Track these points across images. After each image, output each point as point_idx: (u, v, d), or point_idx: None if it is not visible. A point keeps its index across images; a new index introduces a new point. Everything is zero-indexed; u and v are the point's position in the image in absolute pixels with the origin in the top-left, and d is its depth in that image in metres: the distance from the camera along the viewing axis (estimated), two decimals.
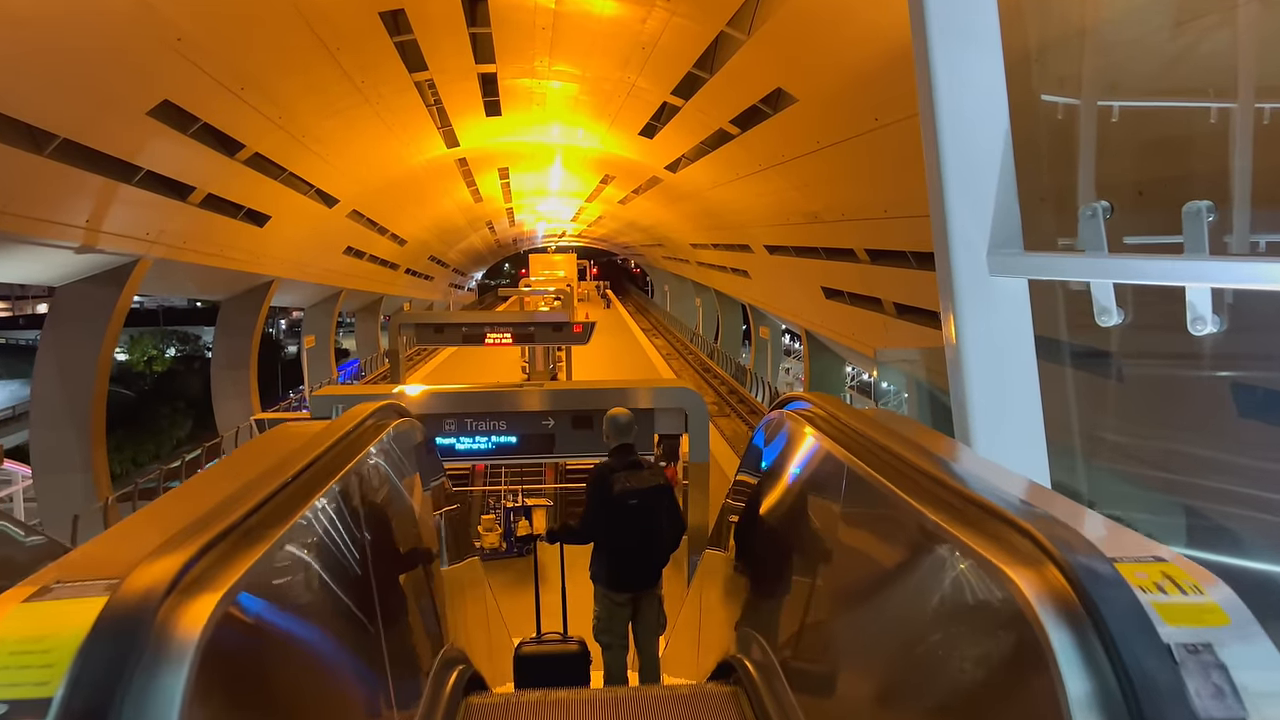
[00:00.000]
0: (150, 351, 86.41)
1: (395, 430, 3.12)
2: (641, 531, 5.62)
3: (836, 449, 2.42)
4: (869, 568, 2.26)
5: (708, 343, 54.36)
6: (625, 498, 5.52)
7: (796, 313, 32.53)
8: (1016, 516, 1.50)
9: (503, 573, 14.49)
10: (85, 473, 20.53)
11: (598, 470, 5.74)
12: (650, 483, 5.63)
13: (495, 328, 20.23)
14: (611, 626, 5.91)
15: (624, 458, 5.73)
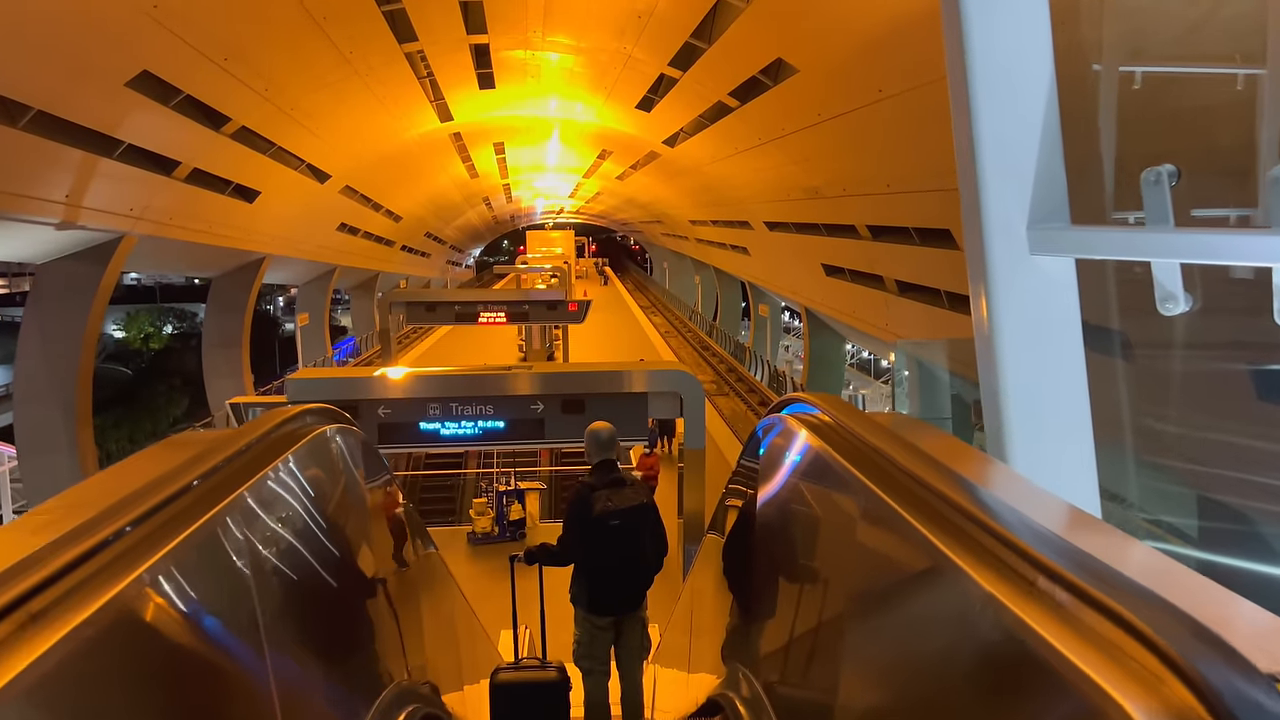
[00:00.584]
0: (147, 329, 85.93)
1: (315, 442, 2.64)
2: (624, 553, 5.35)
3: (853, 473, 1.98)
4: (894, 644, 1.82)
5: (706, 320, 53.90)
6: (607, 518, 5.22)
7: (796, 290, 32.06)
8: (1124, 607, 1.05)
9: (495, 557, 14.13)
10: (71, 453, 20.14)
11: (577, 490, 5.48)
12: (633, 501, 5.32)
13: (489, 306, 19.78)
14: (593, 651, 5.63)
15: (605, 475, 5.43)
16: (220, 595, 1.83)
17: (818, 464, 2.27)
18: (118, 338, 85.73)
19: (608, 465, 5.49)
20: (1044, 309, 2.66)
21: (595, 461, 5.53)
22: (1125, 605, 1.03)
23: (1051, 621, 1.17)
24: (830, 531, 2.20)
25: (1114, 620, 1.04)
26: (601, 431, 5.64)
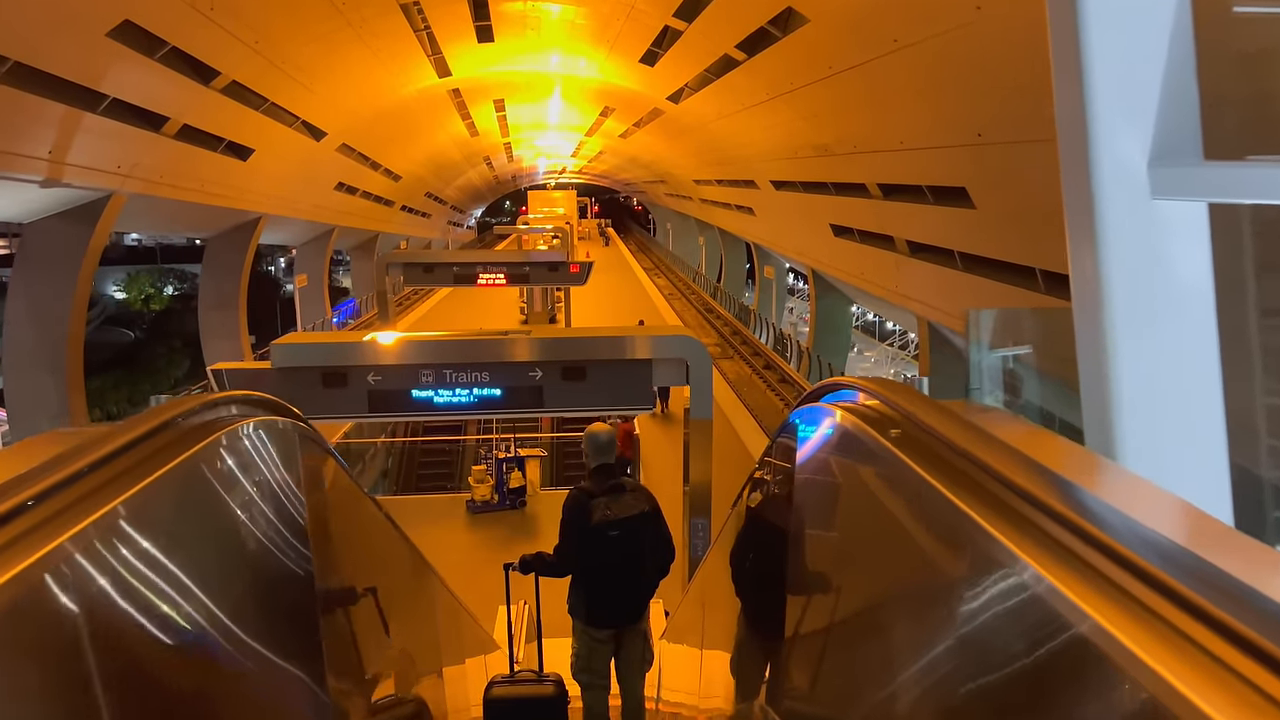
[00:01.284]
0: (147, 290, 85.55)
1: (231, 437, 2.10)
2: (624, 564, 5.08)
3: (941, 491, 1.48)
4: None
5: (710, 282, 53.24)
6: (605, 528, 4.96)
7: (803, 251, 31.42)
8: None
9: (495, 526, 13.77)
10: (62, 419, 19.71)
11: (574, 496, 5.15)
12: (633, 509, 5.06)
13: (488, 268, 19.24)
14: (591, 665, 5.36)
15: (604, 481, 5.15)
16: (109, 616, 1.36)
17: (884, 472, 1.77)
18: (118, 299, 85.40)
19: (607, 470, 5.19)
20: (1168, 267, 2.14)
21: (593, 466, 5.22)
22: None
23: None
24: (905, 561, 1.70)
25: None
26: (600, 434, 5.32)
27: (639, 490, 5.30)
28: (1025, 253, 14.74)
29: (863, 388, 2.02)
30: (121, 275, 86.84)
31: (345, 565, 3.11)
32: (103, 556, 1.41)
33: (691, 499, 9.04)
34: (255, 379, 8.59)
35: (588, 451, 5.35)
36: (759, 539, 3.33)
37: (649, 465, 16.09)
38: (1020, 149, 13.26)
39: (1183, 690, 0.89)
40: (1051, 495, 1.40)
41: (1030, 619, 1.32)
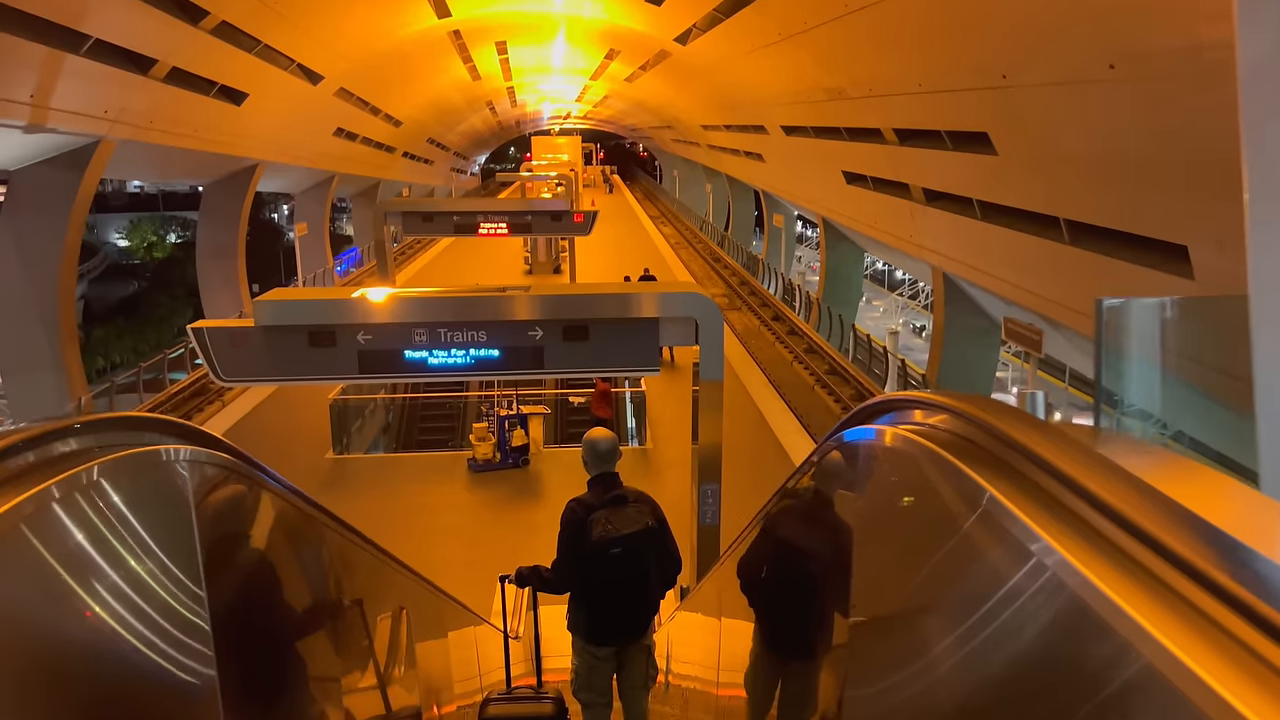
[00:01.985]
0: (150, 237, 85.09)
1: (68, 485, 1.44)
2: (626, 583, 4.70)
3: (1079, 569, 0.98)
4: None
5: (718, 231, 52.39)
6: (606, 546, 4.52)
7: (813, 199, 30.65)
8: None
9: (497, 486, 13.36)
10: (57, 370, 19.31)
11: (572, 510, 4.71)
12: (636, 524, 4.60)
13: (489, 217, 18.60)
14: (592, 683, 4.99)
15: (604, 492, 4.73)
16: None
17: (988, 529, 1.25)
18: (122, 247, 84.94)
19: (608, 479, 4.79)
20: None
21: (593, 475, 4.82)
22: None
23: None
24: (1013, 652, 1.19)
25: None
26: (600, 441, 4.89)
27: (642, 500, 4.84)
28: (1049, 201, 14.08)
29: (950, 407, 1.50)
30: (124, 223, 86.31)
31: (278, 619, 2.50)
32: None
33: (701, 463, 8.57)
34: (237, 338, 8.09)
35: (586, 459, 4.92)
36: (790, 561, 2.82)
37: (656, 421, 15.64)
38: (1047, 92, 12.55)
39: None
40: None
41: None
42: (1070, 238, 13.69)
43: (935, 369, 20.68)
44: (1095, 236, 13.05)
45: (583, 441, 4.96)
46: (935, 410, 1.60)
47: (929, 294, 56.09)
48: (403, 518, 12.26)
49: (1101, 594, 1.05)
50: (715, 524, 8.74)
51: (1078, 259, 13.55)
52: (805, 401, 20.33)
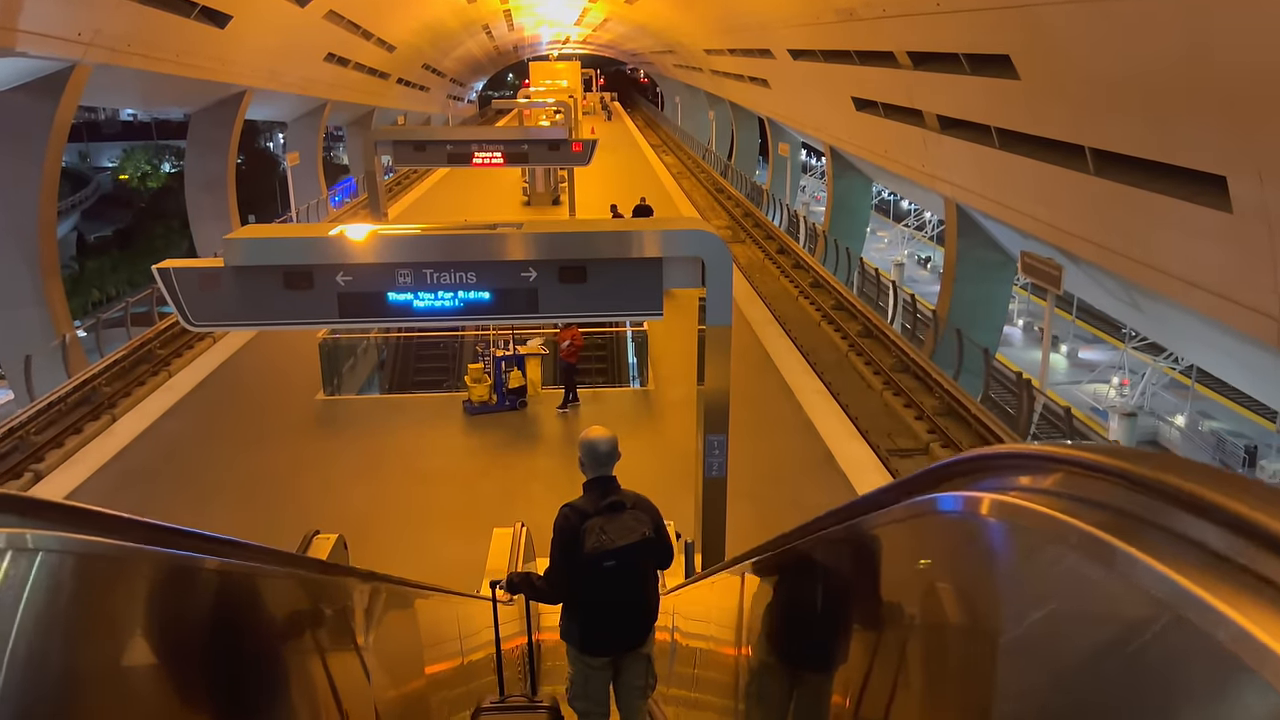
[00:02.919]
0: (144, 167, 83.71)
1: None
2: (622, 597, 4.41)
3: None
4: None
5: (720, 160, 51.20)
6: (600, 558, 4.17)
7: (821, 127, 29.66)
8: None
9: (493, 429, 12.87)
10: (39, 307, 18.74)
11: (565, 517, 4.30)
12: (633, 535, 4.23)
13: (484, 146, 17.81)
14: (588, 692, 4.65)
15: (600, 497, 4.31)
16: None
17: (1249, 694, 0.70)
18: (115, 176, 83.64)
19: (604, 484, 4.36)
20: None
21: (589, 478, 4.39)
22: None
23: None
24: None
25: None
26: (601, 442, 4.40)
27: (640, 505, 4.42)
28: (1073, 129, 13.31)
29: (1072, 459, 0.93)
30: (117, 152, 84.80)
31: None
32: None
33: (706, 413, 8.05)
34: (207, 280, 7.49)
35: (583, 461, 4.42)
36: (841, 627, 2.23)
37: (657, 361, 15.10)
38: (1078, 10, 11.71)
39: None
40: None
41: None
42: (1095, 168, 12.97)
43: (946, 305, 20.07)
44: (1123, 166, 12.33)
45: (580, 442, 4.44)
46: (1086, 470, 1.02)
47: (937, 225, 55.10)
48: (396, 462, 11.80)
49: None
50: (722, 476, 8.26)
51: (1103, 190, 12.84)
52: (811, 338, 19.77)
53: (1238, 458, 30.74)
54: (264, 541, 2.19)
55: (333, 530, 9.92)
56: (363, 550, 9.77)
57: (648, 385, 14.50)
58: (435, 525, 10.24)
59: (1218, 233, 10.62)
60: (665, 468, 11.51)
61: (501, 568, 7.68)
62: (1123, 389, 35.61)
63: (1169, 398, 35.39)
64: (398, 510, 10.56)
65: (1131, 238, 12.58)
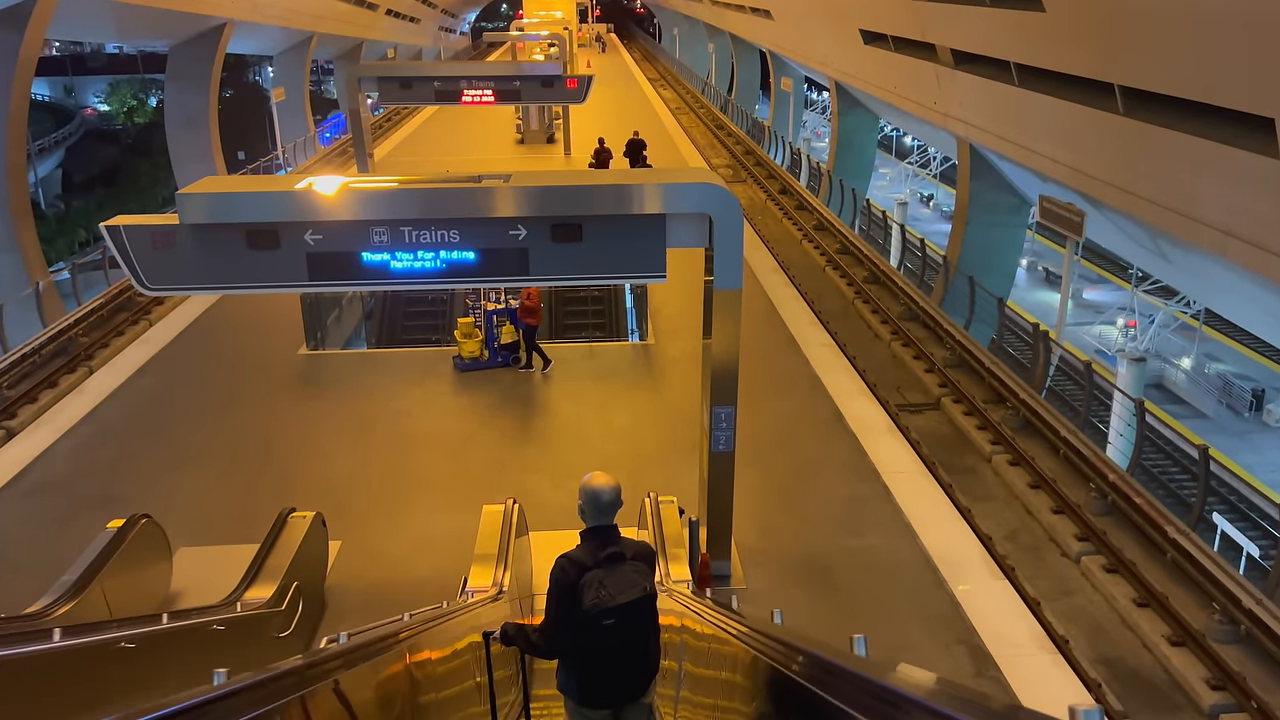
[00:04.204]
0: (130, 101, 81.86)
1: None
2: (622, 653, 4.18)
3: None
4: None
5: (720, 95, 49.76)
6: (599, 616, 3.97)
7: (826, 61, 28.51)
8: None
9: (485, 388, 12.22)
10: (11, 253, 17.95)
11: (563, 569, 4.07)
12: (634, 589, 4.04)
13: (473, 83, 16.85)
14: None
15: (599, 548, 4.09)
16: None
17: None
18: (102, 111, 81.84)
19: (604, 534, 4.14)
20: None
21: (589, 526, 4.15)
22: None
23: None
24: None
25: None
26: (604, 491, 4.13)
27: (640, 555, 4.18)
28: (1102, 65, 12.43)
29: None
30: (104, 86, 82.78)
31: None
32: None
33: (714, 384, 7.40)
34: (160, 238, 6.76)
35: (584, 509, 4.15)
36: None
37: (657, 312, 14.40)
38: None
39: None
40: None
41: None
42: (1125, 107, 12.13)
43: (956, 249, 19.31)
44: (1156, 106, 11.51)
45: (581, 488, 4.13)
46: None
47: (942, 162, 53.86)
48: (380, 425, 11.17)
49: None
50: (729, 450, 7.64)
51: (1133, 132, 12.03)
52: (815, 284, 19.05)
53: (1244, 401, 30.24)
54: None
55: (311, 502, 9.33)
56: (343, 525, 9.19)
57: (647, 339, 13.81)
58: (421, 495, 9.65)
59: (1261, 180, 9.86)
60: (667, 433, 10.89)
61: (491, 552, 7.12)
62: (1128, 330, 35.01)
63: (1175, 339, 34.83)
64: (381, 478, 9.96)
65: (1163, 183, 11.81)
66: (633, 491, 9.49)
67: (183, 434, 11.05)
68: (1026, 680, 7.00)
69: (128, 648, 4.54)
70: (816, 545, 8.75)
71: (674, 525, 7.36)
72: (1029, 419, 12.92)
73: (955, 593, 7.99)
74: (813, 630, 7.77)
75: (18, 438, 11.31)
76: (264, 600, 6.42)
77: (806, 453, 10.62)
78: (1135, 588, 9.57)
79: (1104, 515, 10.87)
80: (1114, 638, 9.21)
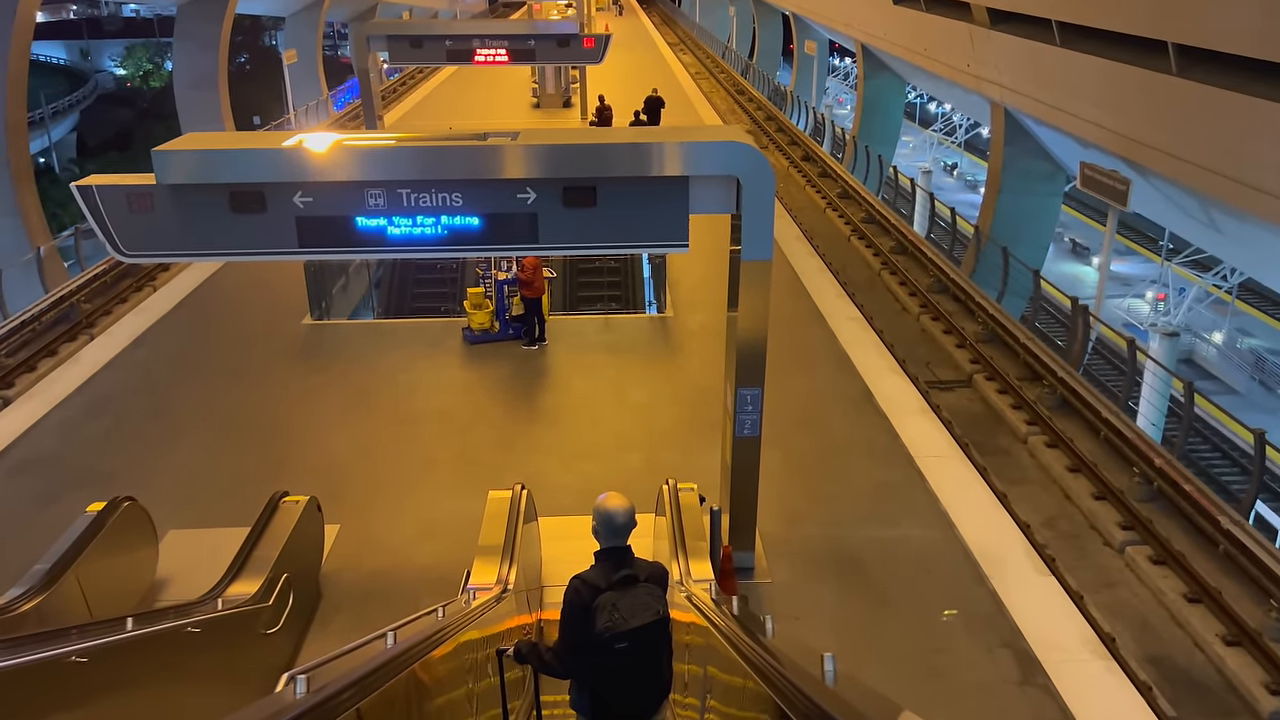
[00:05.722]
0: (145, 65, 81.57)
1: None
2: (635, 676, 4.16)
3: None
4: None
5: (741, 59, 48.65)
6: (612, 640, 3.95)
7: (851, 22, 27.56)
8: None
9: (495, 362, 11.66)
10: (12, 217, 17.48)
11: (576, 591, 4.06)
12: (647, 614, 4.03)
13: (486, 42, 16.16)
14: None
15: (613, 570, 4.06)
16: None
17: None
18: (118, 74, 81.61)
19: (618, 555, 4.10)
20: None
21: (603, 548, 4.12)
22: None
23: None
24: None
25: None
26: (618, 513, 4.08)
27: (654, 577, 4.14)
28: (1155, 21, 11.63)
29: None
30: (120, 50, 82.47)
31: None
32: None
33: (740, 363, 6.79)
34: (137, 200, 6.19)
35: (598, 530, 4.10)
36: None
37: (676, 283, 13.77)
38: None
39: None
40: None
41: None
42: (1179, 67, 11.35)
43: (988, 219, 18.54)
44: (1215, 66, 10.73)
45: (595, 510, 4.08)
46: None
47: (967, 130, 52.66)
48: (385, 400, 10.64)
49: None
50: (755, 435, 7.04)
51: (1187, 94, 11.26)
52: (841, 255, 18.34)
53: (1277, 377, 29.39)
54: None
55: (310, 482, 8.80)
56: (341, 508, 8.65)
57: (665, 311, 13.19)
58: (425, 476, 9.12)
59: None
60: (685, 411, 10.29)
61: (496, 544, 6.58)
62: (1158, 304, 34.14)
63: (1206, 313, 33.92)
64: (384, 458, 9.43)
65: (1219, 149, 11.04)
66: (649, 474, 8.98)
67: (178, 408, 10.55)
68: (1077, 689, 6.43)
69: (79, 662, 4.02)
70: (845, 535, 8.17)
71: (694, 514, 6.80)
72: (1066, 398, 12.26)
73: (997, 589, 7.41)
74: (845, 628, 7.04)
75: (6, 410, 10.85)
76: (248, 596, 5.91)
77: (833, 433, 10.02)
78: (1185, 581, 8.95)
79: (1148, 502, 10.24)
80: (1163, 635, 8.61)
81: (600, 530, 4.11)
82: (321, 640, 6.90)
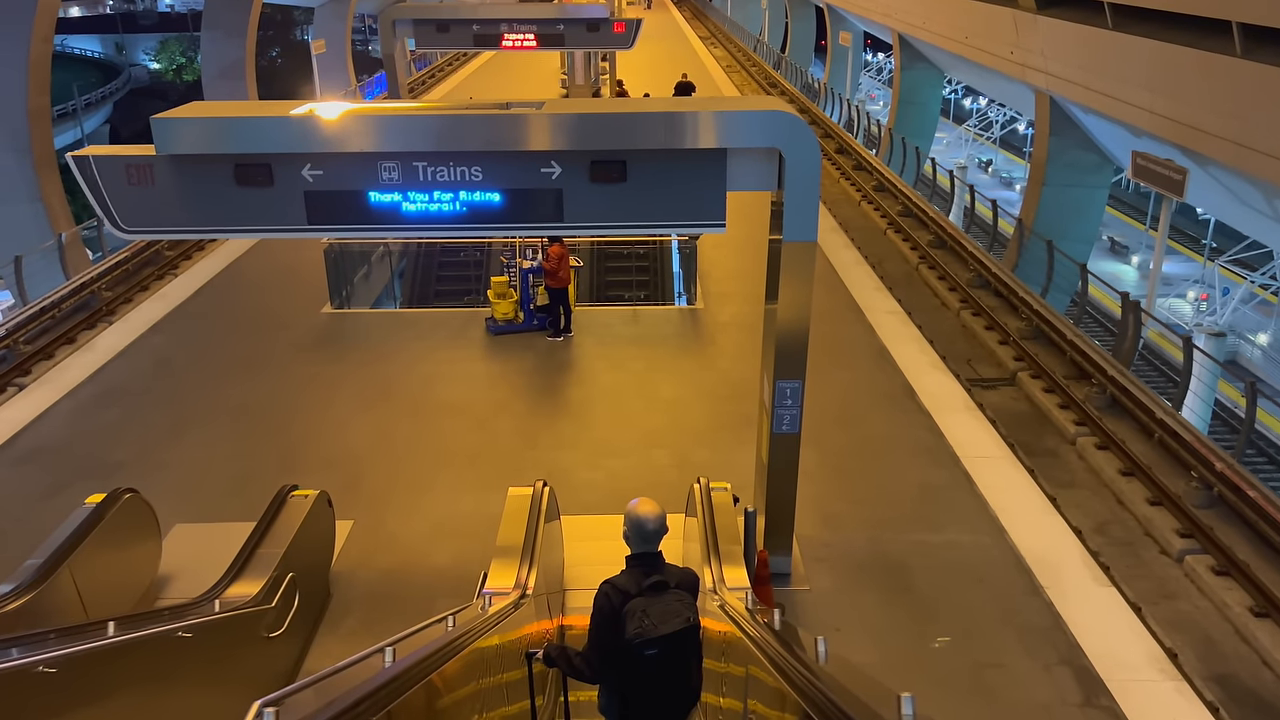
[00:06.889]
0: (179, 59, 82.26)
1: None
2: (664, 684, 4.10)
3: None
4: None
5: (773, 53, 47.96)
6: (642, 646, 3.88)
7: (889, 11, 26.92)
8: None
9: (518, 354, 11.22)
10: (34, 203, 17.28)
11: (606, 596, 4.02)
12: (677, 619, 3.95)
13: (514, 26, 15.75)
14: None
15: (643, 576, 4.00)
16: None
17: None
18: (152, 69, 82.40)
19: (648, 561, 4.07)
20: None
21: (633, 553, 4.10)
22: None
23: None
24: None
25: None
26: (648, 519, 4.04)
27: (684, 584, 4.08)
28: (1220, 1, 11.00)
29: None
30: (154, 44, 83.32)
31: None
32: None
33: (780, 354, 6.30)
34: (136, 172, 5.80)
35: (628, 535, 4.05)
36: None
37: (707, 274, 13.28)
38: None
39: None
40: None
41: None
42: (1244, 48, 10.71)
43: (1032, 211, 17.89)
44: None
45: (626, 515, 4.04)
46: None
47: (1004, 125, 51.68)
48: (404, 392, 10.24)
49: None
50: (795, 431, 6.55)
51: (1252, 76, 10.62)
52: (878, 248, 17.75)
53: None
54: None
55: (324, 476, 8.39)
56: (356, 503, 8.22)
57: (695, 303, 12.70)
58: (443, 471, 8.70)
59: None
60: (717, 406, 9.80)
61: (515, 545, 6.15)
62: (1201, 304, 33.24)
63: (1251, 314, 32.98)
64: (400, 451, 9.03)
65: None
66: (678, 472, 8.51)
67: (191, 397, 10.22)
68: (1144, 712, 5.89)
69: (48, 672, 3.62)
70: (888, 539, 7.66)
71: (727, 515, 6.32)
72: (1116, 397, 11.65)
73: (1053, 600, 6.87)
74: (889, 641, 6.49)
75: (16, 398, 10.56)
76: (249, 597, 5.51)
77: (873, 431, 9.50)
78: (1251, 594, 8.35)
79: (1208, 508, 9.63)
80: (1227, 652, 8.02)
81: (631, 536, 4.07)
82: (330, 643, 6.50)
